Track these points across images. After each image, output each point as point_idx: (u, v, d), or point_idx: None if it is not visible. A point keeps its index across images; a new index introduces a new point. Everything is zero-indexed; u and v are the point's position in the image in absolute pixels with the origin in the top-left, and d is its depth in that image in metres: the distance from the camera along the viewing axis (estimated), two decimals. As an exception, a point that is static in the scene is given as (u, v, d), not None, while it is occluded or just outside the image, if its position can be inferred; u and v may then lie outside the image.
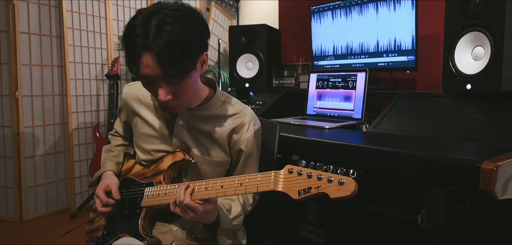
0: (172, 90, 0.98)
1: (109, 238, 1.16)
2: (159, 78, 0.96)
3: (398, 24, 1.84)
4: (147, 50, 0.92)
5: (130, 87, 1.23)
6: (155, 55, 0.91)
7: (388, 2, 1.87)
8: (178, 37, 0.92)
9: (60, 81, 3.11)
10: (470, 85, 1.37)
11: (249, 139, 1.14)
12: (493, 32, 1.29)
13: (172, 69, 0.94)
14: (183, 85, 0.99)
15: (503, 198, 0.92)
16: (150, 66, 0.93)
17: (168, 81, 0.97)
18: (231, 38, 2.44)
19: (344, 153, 1.26)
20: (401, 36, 1.84)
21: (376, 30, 1.93)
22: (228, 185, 0.96)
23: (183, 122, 1.14)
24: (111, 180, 1.18)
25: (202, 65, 1.05)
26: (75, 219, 2.98)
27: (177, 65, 0.94)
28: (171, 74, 0.95)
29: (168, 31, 0.91)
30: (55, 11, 3.04)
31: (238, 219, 1.14)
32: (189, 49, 0.95)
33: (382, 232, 1.43)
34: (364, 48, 2.00)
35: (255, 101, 2.25)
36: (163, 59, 0.91)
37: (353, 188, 0.79)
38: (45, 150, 3.04)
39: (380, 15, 1.91)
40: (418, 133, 1.40)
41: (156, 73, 0.94)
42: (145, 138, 1.18)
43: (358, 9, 2.00)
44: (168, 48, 0.91)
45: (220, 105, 1.16)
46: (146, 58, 0.92)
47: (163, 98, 0.98)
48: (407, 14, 1.79)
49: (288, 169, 0.88)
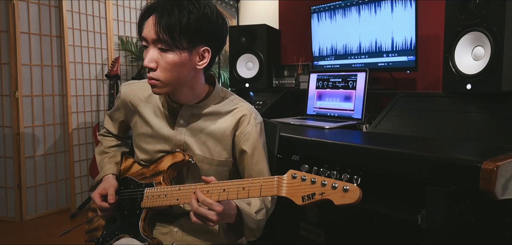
0: (157, 59, 1.01)
1: (109, 239, 1.15)
2: (151, 41, 1.00)
3: (398, 24, 1.84)
4: (154, 12, 0.99)
5: (129, 87, 1.22)
6: (158, 15, 0.97)
7: (388, 2, 1.87)
8: (187, 13, 0.97)
9: (60, 81, 3.11)
10: (470, 85, 1.37)
11: (250, 133, 1.13)
12: (493, 32, 1.29)
13: (164, 33, 0.97)
14: (169, 58, 1.00)
15: (503, 198, 0.92)
16: (150, 26, 0.99)
17: (158, 47, 1.00)
18: (231, 38, 2.44)
19: (344, 153, 1.26)
20: (401, 36, 1.84)
21: (376, 30, 1.93)
22: (230, 189, 0.96)
23: (183, 121, 1.13)
24: (109, 183, 1.17)
25: (201, 60, 1.05)
26: (75, 219, 2.98)
27: (171, 32, 0.97)
28: (162, 39, 0.98)
29: (181, 5, 0.97)
30: (55, 11, 3.04)
31: (261, 213, 1.11)
32: (191, 27, 0.98)
33: (382, 232, 1.44)
34: (364, 48, 2.00)
35: (255, 101, 2.25)
36: (162, 20, 0.96)
37: (357, 196, 0.80)
38: (45, 150, 3.04)
39: (380, 15, 1.91)
40: (418, 133, 1.40)
41: (151, 35, 0.99)
42: (145, 138, 1.18)
43: (358, 9, 2.00)
44: (171, 12, 0.96)
45: (219, 100, 1.16)
46: (150, 19, 0.99)
47: (147, 63, 1.01)
48: (407, 14, 1.79)
49: (292, 174, 0.88)
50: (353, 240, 1.55)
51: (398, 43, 1.85)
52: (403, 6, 1.81)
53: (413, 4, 1.76)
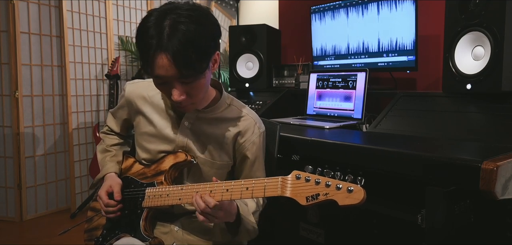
0: (186, 90, 0.98)
1: (109, 238, 1.15)
2: (173, 78, 0.95)
3: (398, 24, 1.84)
4: (162, 51, 0.91)
5: (134, 85, 1.22)
6: (171, 56, 0.91)
7: (388, 2, 1.87)
8: (193, 37, 0.92)
9: (60, 81, 3.11)
10: (470, 85, 1.37)
11: (254, 142, 1.14)
12: (493, 32, 1.29)
13: (187, 69, 0.93)
14: (197, 84, 0.99)
15: (503, 198, 0.92)
16: (165, 66, 0.92)
17: (183, 81, 0.96)
18: (231, 38, 2.44)
19: (344, 153, 1.26)
20: (401, 36, 1.84)
21: (376, 30, 1.93)
22: (234, 189, 0.96)
23: (188, 123, 1.13)
24: (114, 181, 1.18)
25: (214, 64, 1.05)
26: (75, 219, 2.97)
27: (192, 65, 0.93)
28: (186, 74, 0.94)
29: (182, 31, 0.91)
30: (55, 11, 3.04)
31: (256, 215, 1.15)
32: (203, 49, 0.95)
33: (382, 232, 1.44)
34: (364, 48, 2.00)
35: (255, 101, 2.25)
36: (178, 59, 0.91)
37: (362, 197, 0.80)
38: (45, 150, 3.04)
39: (380, 15, 1.91)
40: (418, 133, 1.40)
41: (171, 74, 0.94)
42: (147, 137, 1.18)
43: (358, 9, 2.00)
44: (184, 48, 0.91)
45: (225, 107, 1.16)
46: (161, 59, 0.92)
47: (177, 98, 0.97)
48: (407, 14, 1.79)
49: (296, 175, 0.88)
50: (353, 240, 1.55)
51: (398, 43, 1.85)
52: (403, 6, 1.81)
53: (413, 4, 1.76)
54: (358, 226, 1.52)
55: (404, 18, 1.81)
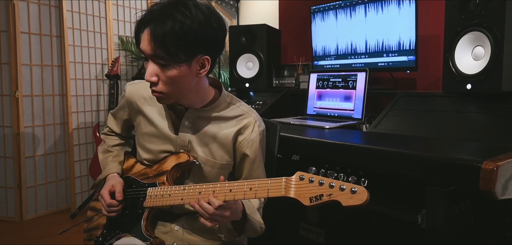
0: (157, 72, 1.00)
1: (109, 238, 1.15)
2: (149, 55, 0.99)
3: (398, 24, 1.84)
4: (148, 26, 0.97)
5: (134, 86, 1.22)
6: (152, 30, 0.96)
7: (388, 2, 1.87)
8: (182, 28, 0.94)
9: (60, 81, 3.11)
10: (470, 85, 1.37)
11: (254, 140, 1.14)
12: (493, 32, 1.29)
13: (161, 49, 0.96)
14: (169, 72, 0.99)
15: (503, 198, 0.92)
16: (145, 40, 0.98)
17: (156, 61, 0.99)
18: (231, 38, 2.44)
19: (344, 153, 1.26)
20: (401, 36, 1.84)
21: (376, 30, 1.93)
22: (237, 189, 0.96)
23: (188, 122, 1.14)
24: (116, 181, 1.18)
25: (201, 69, 1.03)
26: (75, 219, 2.98)
27: (167, 48, 0.95)
28: (159, 55, 0.97)
29: (177, 19, 0.94)
30: (55, 11, 3.04)
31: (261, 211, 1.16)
32: (187, 42, 0.96)
33: (382, 232, 1.44)
34: (364, 48, 2.00)
35: (255, 101, 2.25)
36: (156, 36, 0.95)
37: (365, 197, 0.81)
38: (45, 150, 3.04)
39: (380, 15, 1.91)
40: (418, 133, 1.40)
41: (147, 49, 0.98)
42: (149, 138, 1.18)
43: (358, 9, 2.00)
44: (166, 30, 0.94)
45: (225, 106, 1.16)
46: (146, 33, 0.98)
47: (148, 77, 1.00)
48: (407, 14, 1.79)
49: (299, 175, 0.88)
50: (353, 240, 1.55)
51: (398, 43, 1.85)
52: (403, 6, 1.81)
53: (413, 4, 1.77)
54: (358, 226, 1.53)
55: (404, 18, 1.81)
